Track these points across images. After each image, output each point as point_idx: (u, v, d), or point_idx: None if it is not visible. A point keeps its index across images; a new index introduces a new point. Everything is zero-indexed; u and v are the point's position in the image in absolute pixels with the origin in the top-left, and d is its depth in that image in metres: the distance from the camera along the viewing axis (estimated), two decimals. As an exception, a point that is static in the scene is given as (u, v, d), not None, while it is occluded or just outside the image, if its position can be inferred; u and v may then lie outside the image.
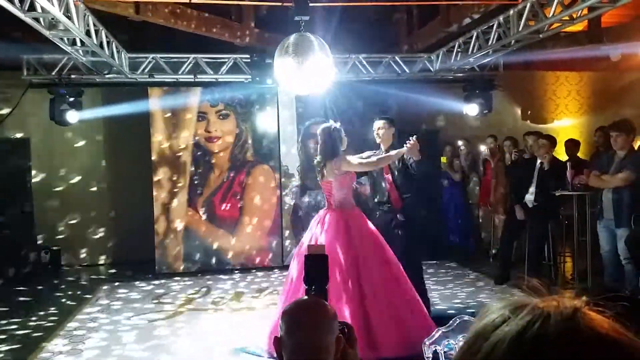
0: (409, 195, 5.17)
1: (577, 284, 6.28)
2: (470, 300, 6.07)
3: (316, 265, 2.00)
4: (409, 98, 7.97)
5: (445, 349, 2.21)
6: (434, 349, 2.16)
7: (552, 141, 6.60)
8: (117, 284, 7.29)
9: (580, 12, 5.11)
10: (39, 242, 8.15)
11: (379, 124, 5.28)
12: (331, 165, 4.69)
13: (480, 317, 0.63)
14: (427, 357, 2.13)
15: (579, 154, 7.67)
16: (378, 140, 5.27)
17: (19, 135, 8.28)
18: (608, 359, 0.57)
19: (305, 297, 1.94)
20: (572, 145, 7.68)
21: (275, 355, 1.59)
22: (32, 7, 4.54)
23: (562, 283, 6.57)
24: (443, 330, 2.18)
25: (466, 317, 2.25)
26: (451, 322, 2.18)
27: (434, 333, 2.22)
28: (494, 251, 7.98)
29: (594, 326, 0.58)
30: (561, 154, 7.80)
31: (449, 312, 5.57)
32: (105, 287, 7.11)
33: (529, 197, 6.51)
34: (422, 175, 5.11)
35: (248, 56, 7.61)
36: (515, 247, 7.09)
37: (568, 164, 6.46)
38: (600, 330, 0.58)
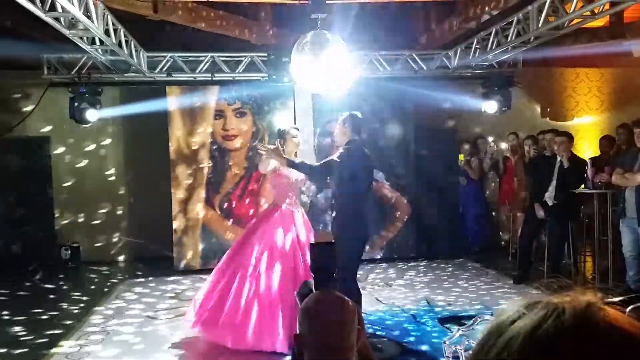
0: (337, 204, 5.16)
1: (597, 284, 6.19)
2: (488, 299, 6.01)
3: (323, 252, 1.97)
4: (427, 95, 7.91)
5: (465, 349, 2.21)
6: (453, 348, 2.14)
7: (569, 138, 6.48)
8: (135, 280, 7.37)
9: (602, 7, 5.03)
10: (59, 238, 8.25)
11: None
12: None
13: (496, 316, 0.64)
14: (447, 357, 2.11)
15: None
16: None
17: (39, 133, 8.39)
18: (623, 351, 0.56)
19: (323, 291, 1.86)
20: (607, 143, 7.39)
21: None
22: (52, 7, 4.60)
23: (583, 283, 6.48)
24: (463, 330, 2.16)
25: (486, 317, 2.23)
26: (471, 321, 2.16)
27: (453, 332, 2.20)
28: (513, 250, 7.90)
29: (609, 320, 0.58)
30: (580, 151, 7.68)
31: (467, 311, 5.53)
32: (123, 284, 7.18)
33: (549, 195, 6.42)
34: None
35: (265, 54, 7.62)
36: (535, 246, 7.01)
37: (589, 161, 6.35)
38: (615, 324, 0.58)
